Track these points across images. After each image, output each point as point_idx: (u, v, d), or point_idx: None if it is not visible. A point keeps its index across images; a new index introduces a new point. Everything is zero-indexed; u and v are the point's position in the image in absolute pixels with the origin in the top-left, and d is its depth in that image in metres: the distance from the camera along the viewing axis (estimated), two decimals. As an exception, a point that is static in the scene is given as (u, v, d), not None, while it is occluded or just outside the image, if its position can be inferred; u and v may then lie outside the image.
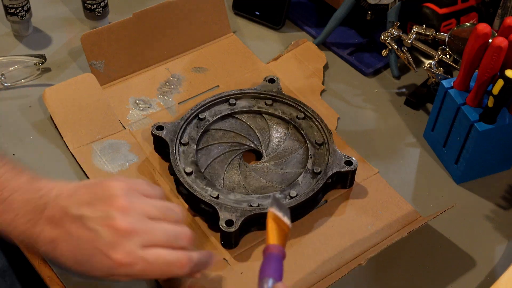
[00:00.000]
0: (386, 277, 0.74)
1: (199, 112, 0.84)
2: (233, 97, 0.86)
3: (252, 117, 0.86)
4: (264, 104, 0.87)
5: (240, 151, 0.82)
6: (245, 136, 0.84)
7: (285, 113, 0.86)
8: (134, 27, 0.92)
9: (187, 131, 0.82)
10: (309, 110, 0.85)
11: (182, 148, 0.80)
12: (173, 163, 0.78)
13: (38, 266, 0.73)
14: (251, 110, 0.86)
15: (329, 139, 0.81)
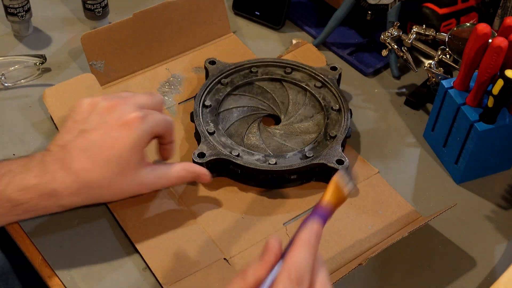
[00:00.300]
0: (386, 277, 0.74)
1: (222, 78, 0.88)
2: (254, 66, 0.90)
3: (272, 84, 0.90)
4: (283, 72, 0.90)
5: (261, 115, 0.87)
6: (265, 101, 0.88)
7: (303, 81, 0.89)
8: (134, 27, 0.92)
9: (209, 95, 0.86)
10: (326, 79, 0.88)
11: (205, 110, 0.84)
12: (197, 122, 0.82)
13: (38, 266, 0.73)
14: (271, 78, 0.90)
15: (344, 106, 0.85)
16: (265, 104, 0.88)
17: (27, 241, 0.75)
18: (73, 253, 0.73)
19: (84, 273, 0.72)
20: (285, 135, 0.84)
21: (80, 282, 0.71)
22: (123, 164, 0.68)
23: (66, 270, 0.72)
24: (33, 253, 0.74)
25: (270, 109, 0.88)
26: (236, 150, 0.80)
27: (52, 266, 0.72)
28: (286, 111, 0.87)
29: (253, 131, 0.85)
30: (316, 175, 0.81)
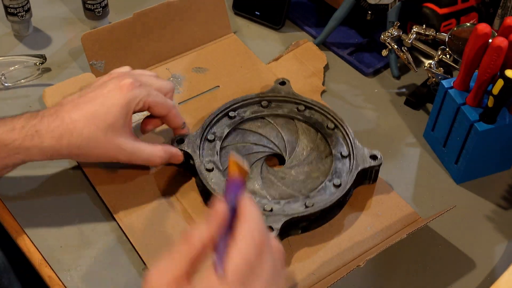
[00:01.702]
0: (385, 279, 0.74)
1: (229, 110, 0.84)
2: (265, 100, 0.86)
3: (282, 121, 0.85)
4: (296, 109, 0.86)
5: (265, 154, 0.82)
6: (271, 139, 0.84)
7: (315, 121, 0.85)
8: (134, 27, 0.92)
9: (213, 128, 0.82)
10: (339, 121, 0.83)
11: (207, 144, 0.81)
12: (195, 158, 0.78)
13: (38, 266, 0.73)
14: (282, 114, 0.85)
15: (354, 153, 0.79)
16: (271, 143, 0.83)
17: (27, 241, 0.75)
18: (73, 253, 0.73)
19: (84, 273, 0.72)
20: (288, 179, 0.79)
21: (80, 282, 0.71)
22: (108, 121, 0.72)
23: (66, 270, 0.72)
24: (33, 253, 0.74)
25: (276, 148, 0.83)
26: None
27: (52, 266, 0.72)
28: (292, 151, 0.82)
29: (254, 174, 0.79)
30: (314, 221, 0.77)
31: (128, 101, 0.73)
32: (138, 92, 0.74)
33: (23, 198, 0.79)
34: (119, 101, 0.72)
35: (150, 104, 0.75)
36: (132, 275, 0.72)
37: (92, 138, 0.71)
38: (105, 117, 0.72)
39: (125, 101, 0.73)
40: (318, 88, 0.94)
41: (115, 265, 0.73)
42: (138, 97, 0.74)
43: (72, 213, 0.77)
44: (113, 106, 0.72)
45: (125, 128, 0.74)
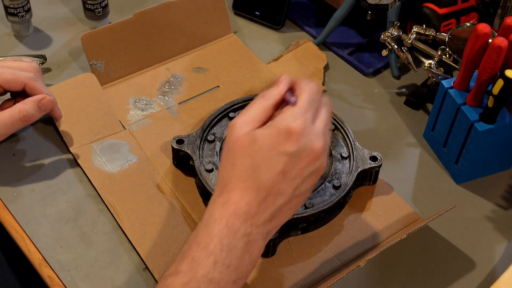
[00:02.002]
0: (385, 279, 0.74)
1: (230, 111, 0.84)
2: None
3: None
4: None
5: None
6: None
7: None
8: (134, 27, 0.92)
9: (214, 129, 0.82)
10: (339, 122, 0.84)
11: (207, 145, 0.80)
12: (195, 159, 0.77)
13: (38, 266, 0.73)
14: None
15: (354, 154, 0.80)
16: None
17: (27, 241, 0.75)
18: (73, 253, 0.74)
19: (84, 273, 0.72)
20: None
21: (80, 282, 0.71)
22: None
23: (66, 270, 0.72)
24: (33, 253, 0.74)
25: None
26: None
27: (52, 266, 0.72)
28: None
29: None
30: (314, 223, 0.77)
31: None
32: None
33: (23, 198, 0.79)
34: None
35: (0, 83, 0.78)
36: (132, 275, 0.72)
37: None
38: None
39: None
40: (318, 88, 0.94)
41: (115, 265, 0.73)
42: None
43: (72, 213, 0.77)
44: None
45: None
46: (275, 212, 0.60)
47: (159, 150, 0.84)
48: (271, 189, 0.59)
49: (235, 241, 0.59)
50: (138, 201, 0.78)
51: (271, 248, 0.73)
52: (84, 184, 0.80)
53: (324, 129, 0.62)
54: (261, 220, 0.60)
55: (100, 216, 0.77)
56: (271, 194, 0.60)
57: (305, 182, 0.61)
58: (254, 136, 0.60)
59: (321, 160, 0.61)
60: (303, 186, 0.61)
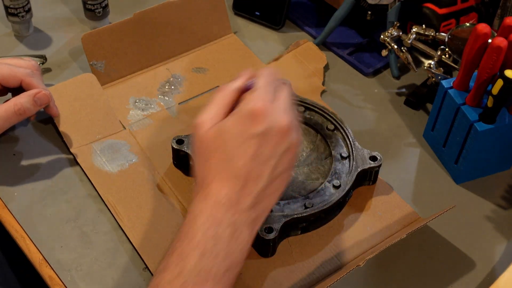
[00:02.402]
0: (385, 279, 0.74)
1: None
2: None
3: None
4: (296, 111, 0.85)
5: None
6: None
7: (315, 122, 0.85)
8: (134, 27, 0.92)
9: None
10: (339, 122, 0.83)
11: None
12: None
13: (38, 266, 0.73)
14: None
15: (354, 154, 0.80)
16: None
17: (27, 241, 0.75)
18: (73, 253, 0.74)
19: (84, 273, 0.72)
20: (292, 178, 0.79)
21: (80, 282, 0.71)
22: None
23: (66, 270, 0.72)
24: (33, 253, 0.74)
25: None
26: None
27: (52, 266, 0.72)
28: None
29: None
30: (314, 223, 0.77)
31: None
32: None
33: (23, 198, 0.79)
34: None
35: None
36: (132, 275, 0.72)
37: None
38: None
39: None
40: (318, 88, 0.94)
41: (115, 265, 0.73)
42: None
43: (72, 213, 0.77)
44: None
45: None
46: (257, 197, 0.61)
47: (159, 150, 0.84)
48: (248, 174, 0.60)
49: (220, 230, 0.59)
50: (138, 201, 0.78)
51: (271, 248, 0.73)
52: (84, 184, 0.80)
53: (286, 106, 0.62)
54: (245, 207, 0.60)
55: (100, 216, 0.77)
56: (249, 179, 0.60)
57: (282, 161, 0.61)
58: (220, 128, 0.61)
59: (291, 135, 0.61)
60: (280, 165, 0.61)
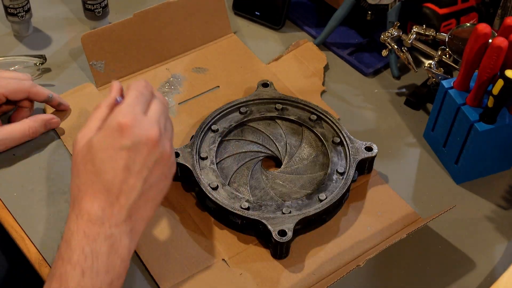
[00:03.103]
0: (385, 279, 0.74)
1: (211, 124, 0.83)
2: (243, 105, 0.86)
3: (265, 124, 0.85)
4: (274, 109, 0.86)
5: (259, 159, 0.81)
6: (260, 143, 0.83)
7: (297, 116, 0.85)
8: (134, 27, 0.92)
9: (203, 146, 0.81)
10: (321, 111, 0.84)
11: (202, 162, 0.79)
12: (197, 177, 0.76)
13: (38, 266, 0.73)
14: (263, 117, 0.85)
15: (346, 137, 0.81)
16: (262, 146, 0.83)
17: (27, 241, 0.75)
18: (73, 253, 0.73)
19: (84, 273, 0.72)
20: (291, 178, 0.80)
21: (80, 282, 0.71)
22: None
23: (66, 270, 0.72)
24: (33, 253, 0.74)
25: (267, 151, 0.82)
26: (245, 203, 0.75)
27: (52, 266, 0.72)
28: (285, 150, 0.82)
29: (256, 178, 0.79)
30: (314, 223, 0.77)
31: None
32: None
33: (23, 198, 0.79)
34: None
35: (4, 94, 0.81)
36: (132, 275, 0.72)
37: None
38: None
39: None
40: (318, 88, 0.94)
41: (115, 265, 0.73)
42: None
43: (72, 213, 0.77)
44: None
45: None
46: (131, 208, 0.61)
47: (159, 150, 0.84)
48: (120, 187, 0.60)
49: (97, 247, 0.59)
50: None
51: (284, 249, 0.73)
52: (84, 184, 0.80)
53: (158, 118, 0.63)
54: (120, 219, 0.60)
55: (100, 216, 0.77)
56: (121, 192, 0.60)
57: (154, 173, 0.62)
58: (91, 141, 0.61)
59: (161, 147, 0.62)
60: (152, 177, 0.62)
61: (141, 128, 0.60)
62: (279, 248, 0.72)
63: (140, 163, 0.60)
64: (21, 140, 0.83)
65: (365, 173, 0.82)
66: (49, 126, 0.85)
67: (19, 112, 0.85)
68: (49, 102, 0.86)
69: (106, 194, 0.60)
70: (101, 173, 0.60)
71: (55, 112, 0.88)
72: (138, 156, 0.60)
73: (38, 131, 0.83)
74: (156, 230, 0.75)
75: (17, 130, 0.82)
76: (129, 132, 0.60)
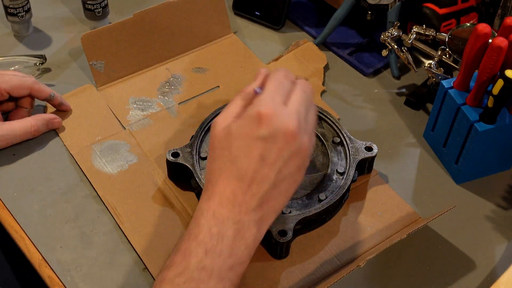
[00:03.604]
0: (385, 279, 0.74)
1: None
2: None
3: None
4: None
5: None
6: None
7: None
8: (134, 27, 0.92)
9: (203, 146, 0.80)
10: (321, 111, 0.84)
11: (202, 162, 0.79)
12: (197, 177, 0.76)
13: (38, 266, 0.73)
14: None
15: (345, 137, 0.81)
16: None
17: (27, 241, 0.75)
18: (73, 253, 0.74)
19: (84, 273, 0.72)
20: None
21: (80, 282, 0.71)
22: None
23: (66, 270, 0.72)
24: (33, 253, 0.74)
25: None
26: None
27: (52, 266, 0.72)
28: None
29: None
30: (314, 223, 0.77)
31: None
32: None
33: (23, 198, 0.79)
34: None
35: (7, 90, 0.82)
36: (132, 275, 0.72)
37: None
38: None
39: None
40: (318, 88, 0.94)
41: (115, 265, 0.73)
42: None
43: (72, 213, 0.77)
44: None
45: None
46: (263, 198, 0.61)
47: (159, 150, 0.84)
48: (254, 175, 0.60)
49: (224, 229, 0.60)
50: (138, 201, 0.78)
51: (284, 249, 0.73)
52: (84, 184, 0.80)
53: (298, 109, 0.62)
54: (250, 207, 0.60)
55: (100, 216, 0.77)
56: (254, 180, 0.60)
57: (288, 165, 0.61)
58: (229, 128, 0.61)
59: (299, 140, 0.61)
60: (286, 169, 0.61)
61: (279, 119, 0.60)
62: (279, 248, 0.72)
63: (275, 154, 0.60)
64: (22, 137, 0.83)
65: (365, 173, 0.82)
66: (51, 125, 0.85)
67: (18, 112, 0.85)
68: (51, 101, 0.86)
69: (239, 181, 0.60)
70: (236, 161, 0.60)
71: (56, 112, 0.88)
72: (275, 147, 0.60)
73: (40, 129, 0.83)
74: (156, 230, 0.75)
75: (19, 127, 0.82)
76: (267, 122, 0.59)
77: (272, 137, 0.60)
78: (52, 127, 0.85)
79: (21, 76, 0.84)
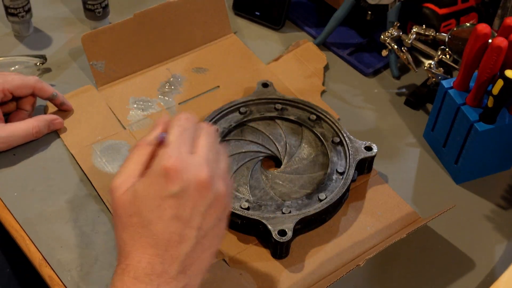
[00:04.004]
0: (385, 279, 0.74)
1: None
2: (242, 105, 0.86)
3: (264, 124, 0.85)
4: (274, 109, 0.86)
5: (259, 159, 0.81)
6: (260, 143, 0.83)
7: (297, 116, 0.85)
8: (134, 27, 0.92)
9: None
10: (320, 111, 0.84)
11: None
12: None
13: (38, 266, 0.73)
14: (263, 117, 0.85)
15: (345, 137, 0.81)
16: (261, 146, 0.83)
17: (27, 241, 0.75)
18: (73, 253, 0.74)
19: (84, 273, 0.72)
20: (290, 178, 0.80)
21: (80, 282, 0.71)
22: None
23: (66, 270, 0.72)
24: (33, 253, 0.74)
25: (267, 151, 0.82)
26: (245, 203, 0.75)
27: (52, 266, 0.72)
28: (285, 150, 0.82)
29: (256, 178, 0.79)
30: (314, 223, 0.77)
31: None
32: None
33: (23, 198, 0.79)
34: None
35: (10, 90, 0.81)
36: (132, 275, 0.72)
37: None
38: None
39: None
40: (318, 88, 0.94)
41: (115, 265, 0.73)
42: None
43: (72, 213, 0.77)
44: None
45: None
46: (184, 261, 0.55)
47: (159, 150, 0.84)
48: (170, 238, 0.54)
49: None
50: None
51: (284, 249, 0.73)
52: (84, 184, 0.80)
53: (207, 156, 0.57)
54: (171, 275, 0.54)
55: (100, 216, 0.77)
56: (171, 244, 0.54)
57: (207, 219, 0.56)
58: (134, 190, 0.55)
59: (214, 188, 0.56)
60: (206, 223, 0.56)
61: (188, 170, 0.54)
62: (279, 248, 0.72)
63: (190, 210, 0.55)
64: (24, 139, 0.82)
65: (364, 173, 0.82)
66: (53, 126, 0.85)
67: (18, 114, 0.85)
68: (53, 100, 0.86)
69: (155, 248, 0.54)
70: (149, 226, 0.54)
71: (57, 111, 0.88)
72: (188, 202, 0.54)
73: (41, 131, 0.83)
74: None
75: (21, 129, 0.82)
76: (176, 177, 0.54)
77: (184, 192, 0.54)
78: (54, 128, 0.85)
79: (23, 75, 0.84)
